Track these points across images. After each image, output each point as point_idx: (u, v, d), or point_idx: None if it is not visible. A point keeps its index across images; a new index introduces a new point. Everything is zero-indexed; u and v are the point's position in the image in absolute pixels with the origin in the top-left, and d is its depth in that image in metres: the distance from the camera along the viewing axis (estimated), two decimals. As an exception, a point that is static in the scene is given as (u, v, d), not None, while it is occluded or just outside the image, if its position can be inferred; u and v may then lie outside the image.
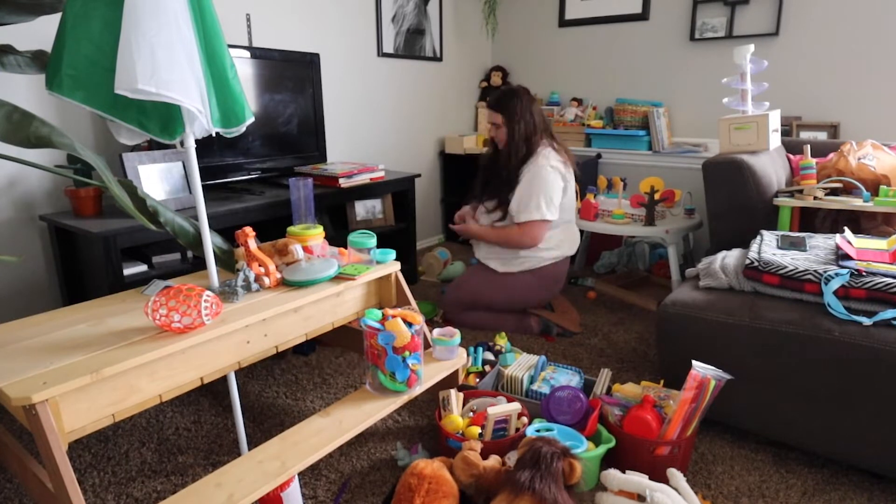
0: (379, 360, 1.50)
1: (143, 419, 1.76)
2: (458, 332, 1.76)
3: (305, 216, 1.79)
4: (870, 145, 2.20)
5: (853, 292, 1.45)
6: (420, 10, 3.39)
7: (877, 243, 1.68)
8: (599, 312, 2.60)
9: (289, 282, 1.52)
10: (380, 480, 1.49)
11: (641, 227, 2.45)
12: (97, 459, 1.58)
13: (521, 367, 1.87)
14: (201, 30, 1.30)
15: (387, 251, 1.74)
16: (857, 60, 2.74)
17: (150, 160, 1.98)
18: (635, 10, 3.31)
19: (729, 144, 2.22)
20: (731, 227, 2.06)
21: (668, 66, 3.28)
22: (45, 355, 1.14)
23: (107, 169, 1.30)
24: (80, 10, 1.19)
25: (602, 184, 2.92)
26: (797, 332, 1.46)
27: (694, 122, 3.26)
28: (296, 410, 1.80)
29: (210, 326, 1.27)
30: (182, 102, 1.21)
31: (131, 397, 1.17)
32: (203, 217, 1.40)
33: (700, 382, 1.42)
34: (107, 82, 1.20)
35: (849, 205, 1.96)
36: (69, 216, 1.90)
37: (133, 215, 1.28)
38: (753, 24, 2.96)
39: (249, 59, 2.31)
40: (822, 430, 1.47)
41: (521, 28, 3.81)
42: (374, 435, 1.68)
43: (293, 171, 2.57)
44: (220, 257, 1.56)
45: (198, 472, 1.52)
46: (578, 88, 3.65)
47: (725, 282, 1.67)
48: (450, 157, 3.70)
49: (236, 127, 1.43)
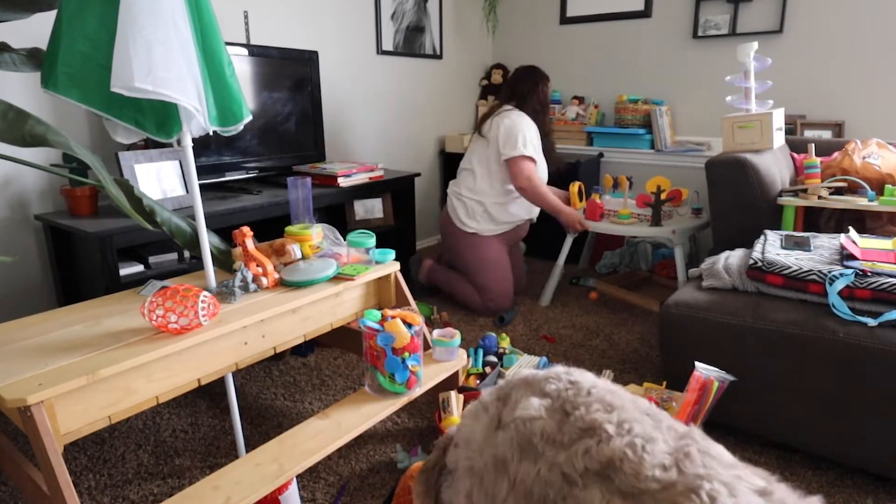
0: (378, 361, 1.49)
1: (139, 421, 1.75)
2: (458, 334, 1.75)
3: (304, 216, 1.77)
4: (875, 144, 2.19)
5: (858, 293, 1.44)
6: (420, 7, 3.37)
7: (882, 243, 1.67)
8: (601, 313, 2.58)
9: (287, 282, 1.51)
10: (379, 483, 1.47)
11: (648, 227, 2.43)
12: (93, 462, 1.56)
13: (522, 368, 1.86)
14: (198, 27, 1.28)
15: (386, 251, 1.72)
16: (861, 58, 2.72)
17: (147, 159, 1.96)
18: (638, 7, 3.30)
19: (732, 143, 2.20)
20: (735, 226, 2.05)
21: (670, 64, 3.27)
22: (41, 356, 1.12)
23: (103, 168, 1.29)
24: (75, 7, 1.18)
25: (608, 183, 2.90)
26: (801, 332, 1.44)
27: (697, 120, 3.25)
28: (294, 412, 1.79)
29: (207, 327, 1.25)
30: (179, 101, 1.20)
31: (127, 399, 1.16)
32: (200, 217, 1.39)
33: (703, 384, 1.40)
34: (103, 80, 1.19)
35: (853, 204, 1.94)
36: (65, 216, 1.89)
37: (129, 215, 1.27)
38: (757, 22, 2.94)
39: (247, 56, 2.29)
40: (827, 432, 1.46)
41: (522, 25, 3.79)
42: (373, 437, 1.66)
43: (291, 170, 2.55)
44: (217, 257, 1.54)
45: (195, 475, 1.50)
46: (580, 86, 3.64)
47: (729, 282, 1.66)
48: (450, 156, 3.68)
49: (234, 125, 1.42)
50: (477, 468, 0.71)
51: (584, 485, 0.61)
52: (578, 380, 0.74)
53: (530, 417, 0.70)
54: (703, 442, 0.65)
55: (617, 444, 0.62)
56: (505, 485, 0.67)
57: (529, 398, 0.73)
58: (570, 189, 2.73)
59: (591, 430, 0.65)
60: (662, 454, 0.62)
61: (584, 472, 0.62)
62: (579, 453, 0.63)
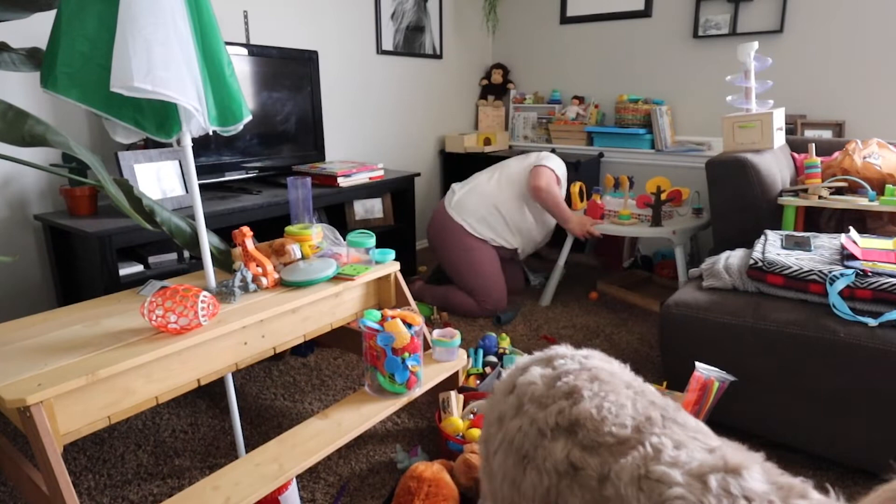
0: (378, 361, 1.48)
1: (139, 421, 1.75)
2: (459, 334, 1.74)
3: (303, 216, 1.77)
4: (875, 144, 2.18)
5: (858, 293, 1.43)
6: (420, 6, 3.37)
7: (882, 243, 1.67)
8: (601, 313, 2.58)
9: (287, 282, 1.51)
10: (379, 483, 1.47)
11: (648, 227, 2.43)
12: (92, 462, 1.56)
13: (522, 367, 1.86)
14: (198, 27, 1.28)
15: (386, 251, 1.72)
16: (862, 58, 2.72)
17: (147, 159, 1.96)
18: (638, 6, 3.29)
19: (733, 143, 2.20)
20: (735, 226, 2.05)
21: (670, 64, 3.26)
22: (40, 357, 1.12)
23: (102, 168, 1.29)
24: (75, 7, 1.18)
25: (609, 182, 2.90)
26: (802, 333, 1.44)
27: (697, 120, 3.24)
28: (294, 412, 1.79)
29: (207, 327, 1.25)
30: (178, 100, 1.20)
31: (127, 399, 1.16)
32: (200, 216, 1.39)
33: (703, 384, 1.40)
34: (102, 80, 1.19)
35: (854, 204, 1.94)
36: (64, 216, 1.88)
37: (129, 215, 1.26)
38: (757, 21, 2.94)
39: (247, 56, 2.29)
40: (827, 433, 1.46)
41: (522, 25, 3.79)
42: (373, 437, 1.66)
43: (291, 169, 2.55)
44: (217, 257, 1.54)
45: (194, 475, 1.50)
46: (580, 86, 3.63)
47: (729, 282, 1.65)
48: (450, 156, 3.68)
49: (233, 125, 1.41)
50: (489, 420, 0.83)
51: (552, 437, 0.71)
52: (584, 357, 0.84)
53: (529, 382, 0.81)
54: (673, 412, 0.72)
55: (585, 406, 0.72)
56: (499, 437, 0.78)
57: (534, 368, 0.84)
58: (571, 189, 2.73)
59: (570, 393, 0.75)
60: (628, 417, 0.70)
61: (555, 427, 0.72)
62: (553, 412, 0.74)
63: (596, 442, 0.68)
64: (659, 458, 0.64)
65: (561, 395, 0.76)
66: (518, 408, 0.78)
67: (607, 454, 0.66)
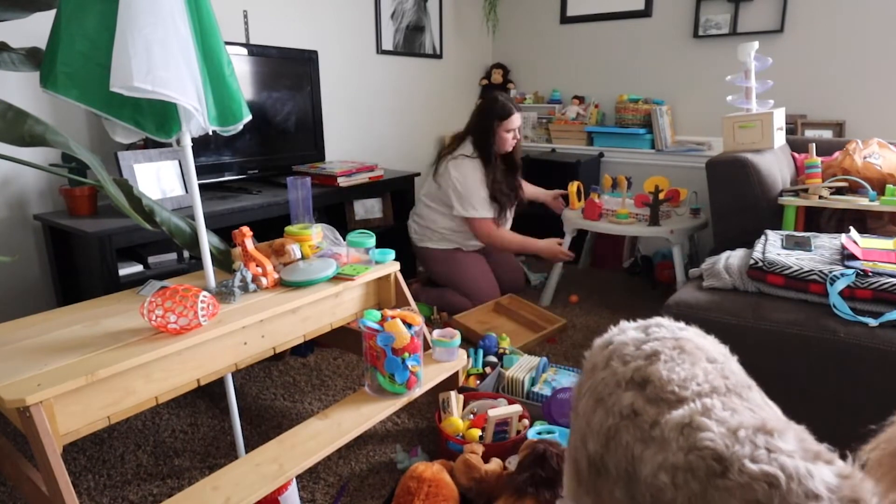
0: (378, 361, 1.48)
1: (138, 421, 1.75)
2: (459, 334, 1.74)
3: (303, 216, 1.77)
4: (876, 144, 2.18)
5: (859, 293, 1.43)
6: (420, 6, 3.36)
7: (883, 243, 1.66)
8: (602, 313, 2.58)
9: (286, 282, 1.50)
10: (379, 483, 1.47)
11: (646, 227, 2.43)
12: (92, 462, 1.56)
13: (522, 368, 1.85)
14: (198, 26, 1.28)
15: (386, 251, 1.72)
16: (862, 58, 2.72)
17: (146, 159, 1.96)
18: (638, 6, 3.29)
19: (733, 143, 2.20)
20: (735, 226, 2.04)
21: (671, 64, 3.26)
22: (40, 357, 1.12)
23: (102, 168, 1.29)
24: (74, 6, 1.18)
25: (607, 182, 2.90)
26: (802, 333, 1.44)
27: (697, 120, 3.24)
28: (294, 413, 1.78)
29: (207, 327, 1.25)
30: (178, 100, 1.20)
31: (127, 399, 1.16)
32: (199, 216, 1.39)
33: (704, 384, 1.40)
34: (102, 79, 1.19)
35: (854, 204, 1.94)
36: (64, 216, 1.88)
37: (129, 215, 1.26)
38: (758, 21, 2.94)
39: (247, 56, 2.28)
40: (827, 433, 1.45)
41: (522, 25, 3.79)
42: (372, 437, 1.66)
43: (291, 169, 2.54)
44: (216, 257, 1.54)
45: (194, 476, 1.50)
46: (580, 86, 3.63)
47: (729, 282, 1.65)
48: (450, 156, 3.68)
49: (233, 125, 1.41)
50: (585, 368, 0.97)
51: (625, 388, 0.83)
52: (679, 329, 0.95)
53: (621, 342, 0.92)
54: (741, 388, 0.81)
55: (658, 367, 0.83)
56: (588, 384, 0.90)
57: (630, 331, 0.95)
58: (569, 189, 2.72)
59: (650, 356, 0.86)
60: (693, 383, 0.80)
61: (630, 381, 0.83)
62: (631, 368, 0.85)
63: (658, 397, 0.79)
64: (707, 414, 0.73)
65: (642, 355, 0.86)
66: (607, 361, 0.90)
67: (665, 406, 0.77)
